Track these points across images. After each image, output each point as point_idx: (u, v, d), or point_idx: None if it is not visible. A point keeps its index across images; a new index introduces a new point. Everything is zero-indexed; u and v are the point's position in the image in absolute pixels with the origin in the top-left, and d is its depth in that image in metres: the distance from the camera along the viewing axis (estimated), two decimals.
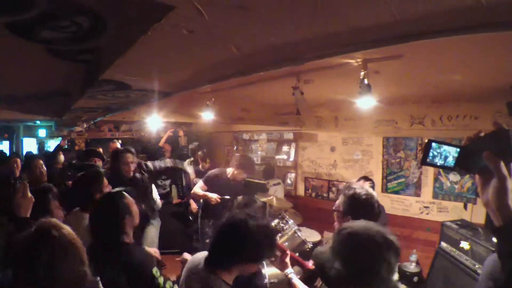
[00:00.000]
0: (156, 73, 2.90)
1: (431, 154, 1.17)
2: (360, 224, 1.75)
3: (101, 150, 7.74)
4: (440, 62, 3.20)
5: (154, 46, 2.12)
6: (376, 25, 1.91)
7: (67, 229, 1.74)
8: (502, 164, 1.06)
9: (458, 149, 1.17)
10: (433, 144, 1.16)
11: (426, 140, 1.17)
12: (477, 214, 5.07)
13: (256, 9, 1.68)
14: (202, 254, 2.35)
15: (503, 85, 4.03)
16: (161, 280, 2.52)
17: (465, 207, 5.32)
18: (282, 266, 2.84)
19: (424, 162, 1.18)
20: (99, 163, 5.93)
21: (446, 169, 1.20)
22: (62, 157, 7.78)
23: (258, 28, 1.92)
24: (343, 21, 1.86)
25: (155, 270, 2.51)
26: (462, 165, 1.18)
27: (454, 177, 5.50)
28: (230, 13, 1.70)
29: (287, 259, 2.91)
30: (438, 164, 1.18)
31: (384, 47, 2.45)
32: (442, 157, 1.17)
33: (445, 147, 1.17)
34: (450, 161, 1.17)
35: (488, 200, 1.10)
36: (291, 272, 2.84)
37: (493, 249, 3.49)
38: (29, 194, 2.60)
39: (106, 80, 3.01)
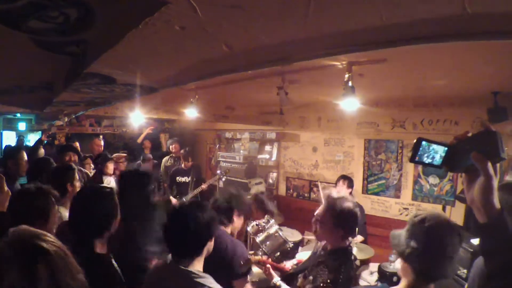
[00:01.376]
0: (144, 68, 2.87)
1: (420, 152, 1.19)
2: (430, 211, 1.96)
3: (77, 144, 7.67)
4: (423, 68, 3.25)
5: (144, 41, 2.10)
6: (365, 28, 1.94)
7: (51, 237, 1.53)
8: (489, 164, 1.09)
9: (446, 148, 1.20)
10: (423, 143, 1.18)
11: (416, 139, 1.19)
12: (456, 216, 5.14)
13: (250, 9, 1.69)
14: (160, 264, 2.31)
15: (483, 92, 4.11)
16: None
17: (444, 209, 5.41)
18: (269, 277, 2.87)
19: (413, 160, 1.20)
20: (75, 157, 5.87)
21: (433, 167, 1.22)
22: (42, 151, 7.67)
23: (250, 27, 1.93)
24: (334, 23, 1.88)
25: None
26: (449, 164, 1.21)
27: (433, 179, 5.60)
28: (223, 11, 1.70)
29: (271, 270, 2.95)
30: (426, 162, 1.20)
31: (369, 51, 2.49)
32: (431, 155, 1.19)
33: (434, 146, 1.19)
34: (437, 159, 1.20)
35: (474, 198, 1.15)
36: (279, 280, 2.88)
37: (471, 250, 3.58)
38: (6, 188, 2.52)
39: (91, 73, 2.97)
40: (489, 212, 1.11)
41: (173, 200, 7.01)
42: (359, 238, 5.13)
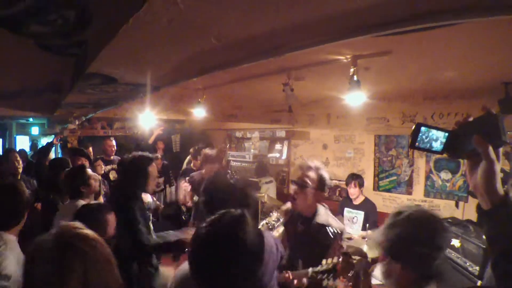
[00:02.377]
0: (141, 65, 2.88)
1: (419, 138, 1.18)
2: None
3: (90, 149, 7.75)
4: (429, 59, 3.21)
5: (136, 37, 2.10)
6: (352, 12, 1.87)
7: (95, 238, 1.54)
8: (491, 148, 1.08)
9: (447, 134, 1.18)
10: (422, 128, 1.17)
11: (415, 124, 1.18)
12: (469, 212, 5.06)
13: None
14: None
15: (494, 83, 4.04)
16: None
17: (457, 205, 5.32)
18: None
19: (412, 145, 1.19)
20: (86, 163, 5.94)
21: (434, 153, 1.22)
22: (51, 154, 7.75)
23: (235, 17, 1.90)
24: (321, 8, 1.83)
25: None
26: (450, 149, 1.20)
27: (445, 175, 5.51)
28: (204, 0, 1.68)
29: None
30: (427, 148, 1.19)
31: (373, 43, 2.45)
32: (431, 141, 1.18)
33: (434, 131, 1.18)
34: (438, 145, 1.19)
35: (477, 184, 1.13)
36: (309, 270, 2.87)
37: (483, 246, 3.51)
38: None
39: (93, 74, 3.00)
40: (493, 198, 1.10)
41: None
42: (370, 233, 5.09)
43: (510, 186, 3.35)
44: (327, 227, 2.94)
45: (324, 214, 3.06)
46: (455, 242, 3.99)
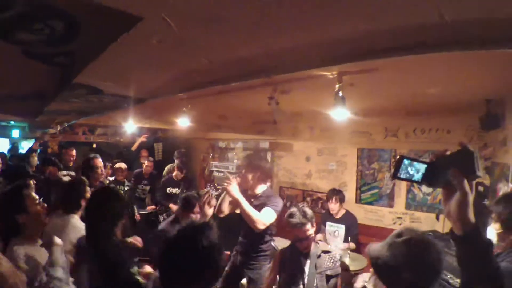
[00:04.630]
0: (128, 80, 2.88)
1: (402, 169, 1.28)
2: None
3: (74, 152, 7.66)
4: (415, 77, 3.24)
5: (125, 54, 2.12)
6: (340, 40, 1.92)
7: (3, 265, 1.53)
8: (466, 181, 1.17)
9: (426, 166, 1.28)
10: (405, 161, 1.27)
11: (398, 156, 1.27)
12: (449, 224, 5.09)
13: (224, 23, 1.68)
14: None
15: (476, 99, 4.09)
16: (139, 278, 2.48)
17: (437, 218, 5.38)
18: None
19: (395, 176, 1.29)
20: (55, 170, 5.88)
21: (414, 183, 1.31)
22: (35, 160, 7.64)
23: (227, 41, 1.93)
24: (308, 36, 1.87)
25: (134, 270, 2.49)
26: (428, 179, 1.29)
27: (426, 188, 5.57)
28: (199, 25, 1.70)
29: None
30: (407, 178, 1.29)
31: (358, 62, 2.48)
32: (412, 172, 1.28)
33: (415, 164, 1.28)
34: (419, 176, 1.28)
35: (450, 212, 1.23)
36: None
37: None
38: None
39: (78, 84, 2.98)
40: (465, 226, 1.19)
41: (173, 207, 6.90)
42: (352, 245, 5.13)
43: (490, 201, 3.43)
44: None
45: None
46: None
